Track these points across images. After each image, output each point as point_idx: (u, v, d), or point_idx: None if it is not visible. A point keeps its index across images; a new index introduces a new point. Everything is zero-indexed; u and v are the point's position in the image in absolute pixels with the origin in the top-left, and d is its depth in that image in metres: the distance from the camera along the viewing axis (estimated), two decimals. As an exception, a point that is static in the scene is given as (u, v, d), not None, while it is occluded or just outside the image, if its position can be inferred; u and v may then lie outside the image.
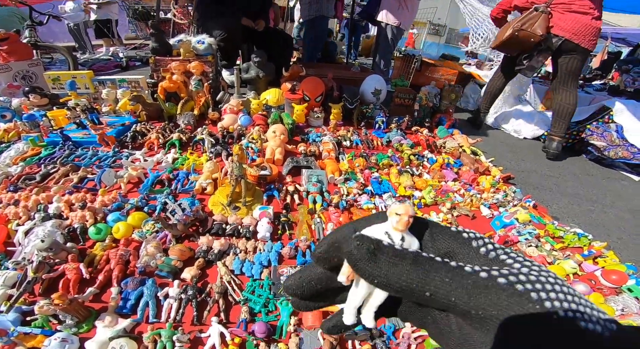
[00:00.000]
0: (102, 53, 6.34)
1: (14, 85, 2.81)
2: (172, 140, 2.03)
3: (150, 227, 1.32)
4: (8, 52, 2.92)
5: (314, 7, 3.83)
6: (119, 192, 1.54)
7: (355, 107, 2.64)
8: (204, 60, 2.72)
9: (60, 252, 1.16)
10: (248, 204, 1.49)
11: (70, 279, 1.09)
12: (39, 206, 1.40)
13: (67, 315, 0.97)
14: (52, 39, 6.53)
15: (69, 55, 3.94)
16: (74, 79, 2.55)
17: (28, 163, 1.75)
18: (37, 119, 2.11)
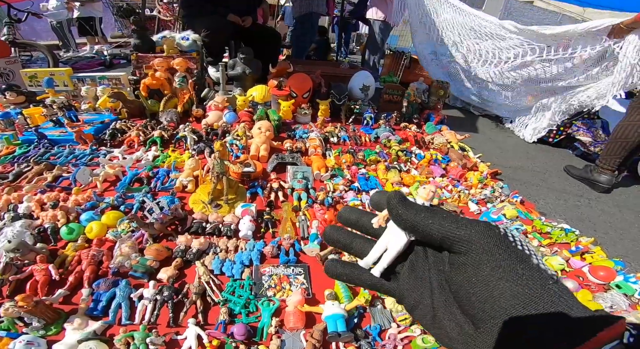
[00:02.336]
0: (86, 51, 6.21)
1: None
2: (153, 137, 1.97)
3: (126, 227, 1.26)
4: None
5: (304, 4, 3.79)
6: (94, 191, 1.48)
7: (343, 103, 2.61)
8: (188, 57, 2.65)
9: (28, 254, 1.10)
10: (230, 202, 1.44)
11: (38, 281, 1.04)
12: (10, 205, 1.34)
13: (33, 317, 0.92)
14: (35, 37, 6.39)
15: (49, 53, 3.85)
16: (52, 77, 2.47)
17: (1, 162, 1.67)
18: (12, 117, 2.02)
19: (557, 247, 1.46)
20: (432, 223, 0.28)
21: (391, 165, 1.91)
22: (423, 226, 0.28)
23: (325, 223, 1.32)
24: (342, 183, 1.64)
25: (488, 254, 0.25)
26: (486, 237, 0.26)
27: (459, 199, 1.72)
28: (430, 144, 2.32)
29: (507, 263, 0.25)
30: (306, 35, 4.20)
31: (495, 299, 0.24)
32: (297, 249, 1.21)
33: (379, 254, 0.32)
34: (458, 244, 0.26)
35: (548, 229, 1.55)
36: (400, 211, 0.29)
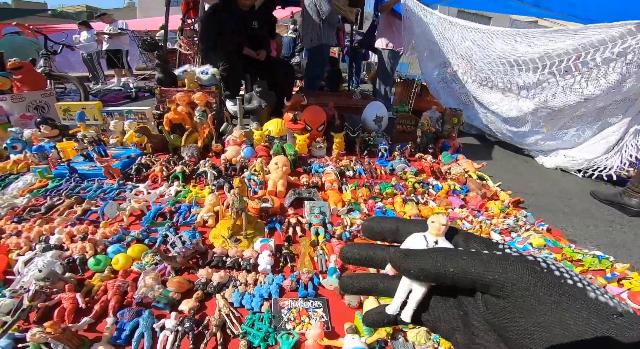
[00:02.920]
0: (113, 83, 6.53)
1: (27, 115, 2.89)
2: (175, 173, 2.06)
3: (150, 259, 1.31)
4: (22, 82, 3.02)
5: (315, 36, 3.96)
6: (121, 224, 1.54)
7: (357, 135, 2.66)
8: (207, 91, 2.78)
9: (57, 282, 1.15)
10: (249, 236, 1.48)
11: (65, 308, 1.08)
12: (41, 237, 1.41)
13: (59, 344, 0.94)
14: (68, 68, 6.77)
15: (81, 85, 4.06)
16: (83, 110, 2.63)
17: (35, 195, 1.77)
18: (46, 151, 2.16)
19: (590, 274, 1.42)
20: (454, 271, 0.24)
21: (408, 198, 1.92)
22: (444, 276, 0.25)
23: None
24: (359, 217, 1.67)
25: (534, 298, 0.22)
26: (527, 278, 0.22)
27: (480, 230, 1.70)
28: (447, 174, 2.31)
29: (559, 304, 0.21)
30: (318, 67, 4.36)
31: (552, 342, 0.21)
32: (316, 283, 1.23)
33: (404, 297, 0.30)
34: (493, 289, 0.23)
35: (579, 256, 1.51)
36: (408, 267, 0.26)
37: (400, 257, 0.27)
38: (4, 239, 1.40)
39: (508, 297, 0.23)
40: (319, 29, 3.94)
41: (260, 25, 3.59)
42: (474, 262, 0.24)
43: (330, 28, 4.01)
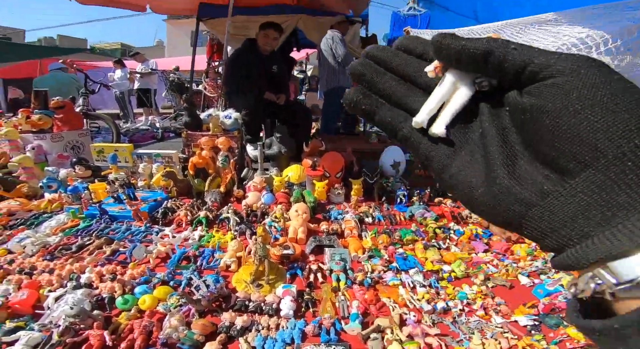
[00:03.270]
0: (141, 122, 6.75)
1: (64, 155, 3.03)
2: (199, 217, 2.13)
3: (175, 301, 1.34)
4: (62, 121, 3.15)
5: (331, 79, 4.13)
6: (148, 266, 1.60)
7: (375, 181, 2.68)
8: (230, 136, 2.89)
9: (86, 320, 1.19)
10: (271, 282, 1.51)
11: (93, 345, 1.10)
12: (72, 275, 1.47)
13: None
14: (101, 105, 7.09)
15: (114, 126, 4.25)
16: (116, 152, 2.78)
17: (66, 234, 1.86)
18: (79, 192, 2.28)
19: None
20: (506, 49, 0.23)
21: (429, 243, 1.91)
22: (500, 52, 0.23)
23: (366, 303, 1.36)
24: (380, 263, 1.67)
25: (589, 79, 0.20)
26: (585, 62, 0.21)
27: (507, 273, 1.66)
28: (469, 218, 2.29)
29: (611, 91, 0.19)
30: (334, 109, 4.47)
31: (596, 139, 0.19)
32: (338, 329, 1.23)
33: (436, 109, 0.27)
34: (548, 69, 0.21)
35: None
36: (464, 43, 0.24)
37: (449, 36, 0.24)
38: (36, 276, 1.46)
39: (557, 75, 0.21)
40: (335, 71, 4.09)
41: (280, 69, 3.79)
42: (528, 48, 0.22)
43: (346, 71, 4.19)
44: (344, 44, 4.05)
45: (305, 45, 5.81)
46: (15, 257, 1.61)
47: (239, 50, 3.81)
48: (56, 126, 3.17)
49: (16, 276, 1.43)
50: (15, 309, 1.24)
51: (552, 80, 0.21)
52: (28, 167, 2.61)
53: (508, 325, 1.29)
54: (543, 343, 1.18)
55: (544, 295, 1.51)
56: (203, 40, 5.99)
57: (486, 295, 1.49)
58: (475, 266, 1.74)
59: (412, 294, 1.45)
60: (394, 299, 1.41)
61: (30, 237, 1.73)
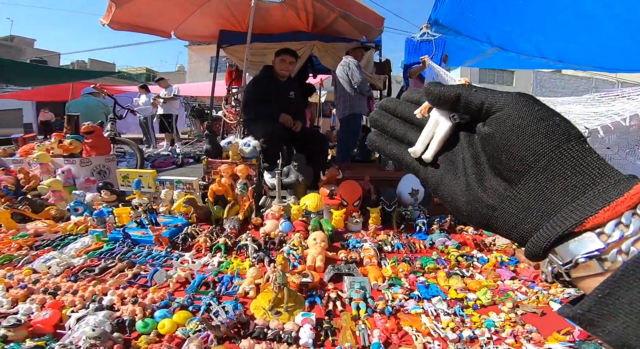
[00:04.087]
0: (163, 148, 6.90)
1: (91, 179, 3.12)
2: (218, 244, 2.15)
3: (194, 327, 1.33)
4: (91, 146, 3.26)
5: (347, 106, 4.17)
6: (168, 291, 1.60)
7: (393, 210, 2.66)
8: (249, 163, 2.95)
9: (106, 341, 1.19)
10: (290, 309, 1.49)
11: (111, 369, 1.09)
12: (94, 296, 1.48)
13: None
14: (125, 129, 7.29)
15: (138, 151, 4.36)
16: (140, 178, 2.87)
17: (90, 256, 1.90)
18: (104, 216, 2.34)
19: None
20: (469, 93, 0.32)
21: (452, 271, 1.86)
22: (465, 96, 0.32)
23: (387, 332, 1.31)
24: (401, 292, 1.63)
25: (517, 118, 0.28)
26: (517, 98, 0.29)
27: (537, 300, 1.58)
28: (492, 245, 2.22)
29: (531, 119, 0.28)
30: (350, 136, 4.50)
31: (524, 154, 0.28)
32: (359, 360, 1.19)
33: (427, 141, 0.36)
34: (495, 106, 0.30)
35: None
36: (442, 89, 0.33)
37: (435, 84, 0.34)
38: (60, 296, 1.48)
39: (503, 109, 0.30)
40: (351, 98, 4.15)
41: (297, 96, 3.87)
42: (484, 91, 0.31)
43: (362, 97, 4.22)
44: (359, 70, 4.13)
45: (320, 71, 5.93)
46: (40, 277, 1.64)
47: (257, 77, 3.93)
48: (85, 151, 3.28)
49: (40, 295, 1.45)
50: (37, 328, 1.25)
51: (497, 114, 0.30)
52: (57, 191, 2.72)
53: None
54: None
55: None
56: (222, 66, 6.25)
57: (516, 322, 1.42)
58: (503, 293, 1.67)
59: (436, 322, 1.40)
60: (416, 328, 1.36)
61: (56, 258, 1.77)
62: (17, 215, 2.36)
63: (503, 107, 0.29)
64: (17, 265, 1.75)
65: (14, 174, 2.96)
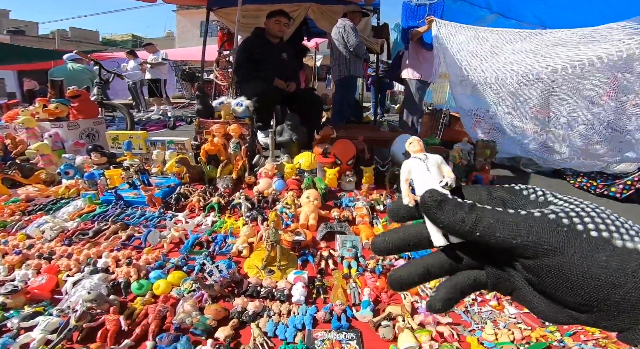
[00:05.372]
0: (153, 112, 6.89)
1: (80, 142, 3.09)
2: (211, 203, 2.15)
3: (188, 286, 1.36)
4: (78, 110, 3.21)
5: (343, 68, 4.12)
6: (162, 251, 1.62)
7: (387, 169, 2.67)
8: (242, 123, 2.90)
9: (103, 304, 1.22)
10: (282, 268, 1.52)
11: (108, 330, 1.12)
12: (89, 259, 1.50)
13: None
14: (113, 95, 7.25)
15: (128, 114, 4.32)
16: (131, 140, 2.82)
17: (83, 219, 1.90)
18: (95, 178, 2.32)
19: None
20: (479, 235, 0.26)
21: None
22: (465, 232, 0.26)
23: (377, 291, 1.36)
24: (393, 251, 1.66)
25: (560, 256, 0.23)
26: (550, 240, 0.24)
27: None
28: None
29: (585, 259, 0.23)
30: (346, 98, 4.46)
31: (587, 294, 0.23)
32: (349, 315, 1.24)
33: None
34: (520, 250, 0.25)
35: None
36: (439, 220, 0.28)
37: (435, 206, 0.28)
38: (55, 260, 1.50)
39: (536, 257, 0.24)
40: (347, 61, 4.08)
41: (290, 57, 3.79)
42: (500, 225, 0.25)
43: (358, 60, 4.15)
44: (355, 33, 4.00)
45: (315, 34, 5.73)
46: (34, 242, 1.65)
47: (248, 38, 3.81)
48: (72, 115, 3.22)
49: (35, 260, 1.47)
50: (34, 294, 1.28)
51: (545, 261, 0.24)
52: (46, 155, 2.67)
53: (522, 316, 1.27)
54: (557, 334, 1.16)
55: None
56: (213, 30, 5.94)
57: None
58: None
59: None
60: (405, 287, 1.40)
61: (49, 223, 1.78)
62: (7, 181, 2.33)
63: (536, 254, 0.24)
64: (11, 231, 1.76)
65: (0, 140, 2.90)
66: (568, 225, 0.24)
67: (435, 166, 0.34)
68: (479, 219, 0.26)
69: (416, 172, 0.34)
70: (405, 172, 0.36)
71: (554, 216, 0.24)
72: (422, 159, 0.35)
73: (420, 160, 0.35)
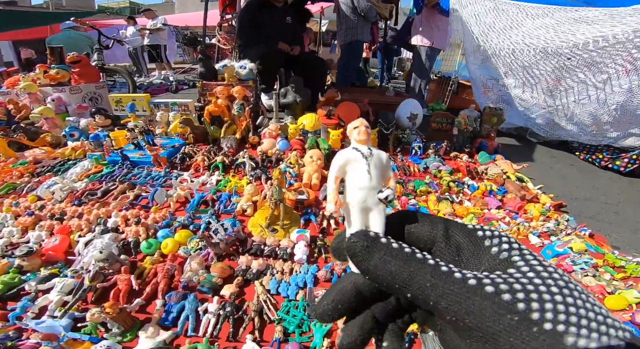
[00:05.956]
0: (155, 76, 6.86)
1: (83, 106, 3.11)
2: (216, 162, 2.16)
3: (195, 245, 1.41)
4: (79, 75, 3.21)
5: (350, 32, 3.99)
6: (169, 210, 1.66)
7: (391, 132, 2.65)
8: (245, 85, 2.88)
9: (114, 264, 1.26)
10: (286, 227, 1.55)
11: (121, 290, 1.17)
12: (99, 219, 1.55)
13: (114, 324, 1.02)
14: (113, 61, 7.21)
15: (129, 78, 4.30)
16: (134, 102, 2.81)
17: (91, 180, 1.94)
18: (100, 139, 2.33)
19: (632, 281, 1.38)
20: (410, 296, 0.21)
21: (442, 196, 1.91)
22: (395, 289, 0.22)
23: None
24: (393, 212, 1.68)
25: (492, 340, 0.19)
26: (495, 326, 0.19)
27: (518, 232, 1.67)
28: (484, 174, 2.27)
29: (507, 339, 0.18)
30: (352, 63, 4.36)
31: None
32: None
33: None
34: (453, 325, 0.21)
35: (622, 263, 1.46)
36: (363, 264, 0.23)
37: (361, 253, 0.23)
38: (66, 221, 1.55)
39: (468, 338, 0.20)
40: (354, 25, 3.94)
41: (294, 21, 3.68)
42: (437, 293, 0.20)
43: (366, 24, 4.01)
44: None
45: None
46: (45, 203, 1.70)
47: (250, 2, 3.65)
48: (73, 80, 3.20)
49: (48, 221, 1.52)
50: (49, 256, 1.33)
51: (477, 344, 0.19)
52: (50, 118, 2.68)
53: None
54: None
55: (552, 256, 1.52)
56: None
57: None
58: (487, 221, 1.73)
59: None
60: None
61: (58, 184, 1.81)
62: (14, 144, 2.36)
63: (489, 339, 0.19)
64: (22, 193, 1.80)
65: (3, 105, 2.90)
66: (522, 311, 0.19)
67: (379, 167, 0.28)
68: (412, 277, 0.21)
69: (353, 170, 0.28)
70: (339, 165, 0.28)
71: (508, 296, 0.19)
72: (365, 154, 0.28)
73: (362, 155, 0.27)
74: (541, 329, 0.18)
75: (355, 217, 0.27)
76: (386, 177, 0.29)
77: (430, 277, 0.21)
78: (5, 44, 11.05)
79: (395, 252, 0.22)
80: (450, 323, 0.20)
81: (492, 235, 0.25)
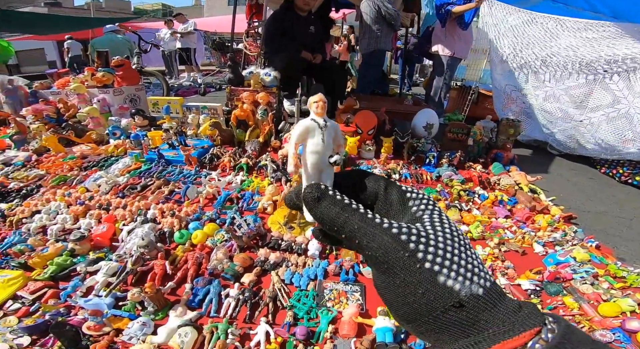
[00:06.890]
0: (185, 79, 7.21)
1: (124, 107, 3.38)
2: (240, 164, 2.35)
3: (221, 237, 1.59)
4: (122, 78, 3.48)
5: (372, 42, 4.02)
6: (199, 205, 1.85)
7: (406, 141, 2.73)
8: (269, 91, 3.05)
9: (152, 250, 1.45)
10: (302, 225, 1.71)
11: (157, 273, 1.34)
12: (140, 211, 1.76)
13: (150, 303, 1.18)
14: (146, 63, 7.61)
15: (164, 81, 4.60)
16: (169, 104, 3.05)
17: (132, 175, 2.16)
18: (140, 139, 2.57)
19: (631, 291, 1.40)
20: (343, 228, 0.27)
21: (452, 204, 1.98)
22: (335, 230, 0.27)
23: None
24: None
25: (393, 277, 0.25)
26: (392, 260, 0.25)
27: (522, 240, 1.71)
28: (496, 185, 2.30)
29: (406, 287, 0.25)
30: (372, 72, 4.41)
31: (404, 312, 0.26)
32: (356, 271, 1.42)
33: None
34: (370, 260, 0.26)
35: (624, 273, 1.48)
36: (314, 213, 0.28)
37: (312, 200, 0.28)
38: (112, 211, 1.77)
39: (377, 270, 0.26)
40: (376, 34, 3.96)
41: (317, 30, 3.79)
42: (362, 232, 0.26)
43: (389, 33, 4.03)
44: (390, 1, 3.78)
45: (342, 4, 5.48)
46: (93, 194, 1.93)
47: (277, 12, 3.80)
48: (116, 82, 3.48)
49: (96, 211, 1.74)
50: (97, 241, 1.54)
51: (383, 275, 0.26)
52: (95, 117, 2.95)
53: (510, 287, 1.39)
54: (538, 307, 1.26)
55: (552, 264, 1.55)
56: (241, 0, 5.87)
57: (497, 258, 1.58)
58: (493, 230, 1.79)
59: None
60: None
61: (104, 178, 2.05)
62: (62, 140, 2.64)
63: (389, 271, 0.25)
64: (72, 184, 2.05)
65: (53, 105, 3.23)
66: (412, 250, 0.25)
67: (332, 136, 0.33)
68: (346, 221, 0.27)
69: (310, 138, 0.33)
70: (299, 133, 0.33)
71: (405, 237, 0.25)
72: (320, 125, 0.33)
73: (319, 125, 0.33)
74: (422, 267, 0.24)
75: (310, 175, 0.33)
76: (337, 144, 0.35)
77: (358, 221, 0.27)
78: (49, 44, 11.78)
79: (337, 202, 0.28)
80: (370, 258, 0.26)
81: (417, 197, 0.31)
